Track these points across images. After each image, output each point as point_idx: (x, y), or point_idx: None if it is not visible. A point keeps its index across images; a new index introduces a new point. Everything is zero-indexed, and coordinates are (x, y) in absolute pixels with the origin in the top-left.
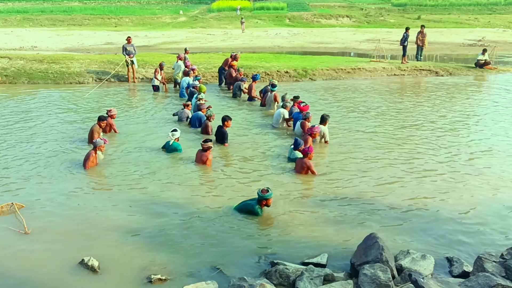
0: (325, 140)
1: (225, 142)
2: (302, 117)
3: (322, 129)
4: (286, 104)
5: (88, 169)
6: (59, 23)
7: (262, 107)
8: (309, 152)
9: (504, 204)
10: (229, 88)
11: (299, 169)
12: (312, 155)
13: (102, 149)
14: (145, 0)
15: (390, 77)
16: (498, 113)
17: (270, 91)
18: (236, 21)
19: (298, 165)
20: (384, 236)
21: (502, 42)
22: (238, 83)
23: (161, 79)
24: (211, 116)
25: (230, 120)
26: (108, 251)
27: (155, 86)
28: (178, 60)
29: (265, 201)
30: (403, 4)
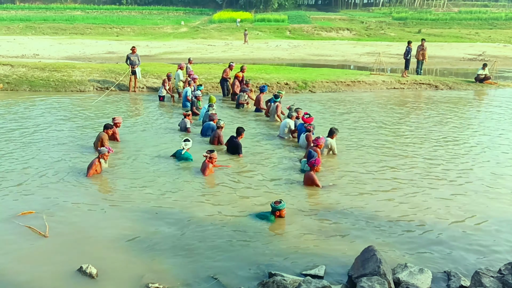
0: (333, 153)
1: (239, 153)
2: (305, 130)
3: (330, 142)
4: (292, 115)
5: (91, 177)
6: (61, 31)
7: (267, 117)
8: (315, 164)
9: (504, 219)
10: (233, 99)
11: (306, 181)
12: (319, 168)
13: (106, 157)
14: (147, 10)
15: (389, 90)
16: (499, 128)
17: (273, 102)
18: (237, 32)
19: (305, 178)
20: (382, 249)
21: (503, 57)
22: (240, 94)
23: (169, 89)
24: (222, 126)
25: (243, 131)
26: (106, 258)
27: (161, 97)
28: (178, 69)
29: (278, 211)
30: (403, 18)
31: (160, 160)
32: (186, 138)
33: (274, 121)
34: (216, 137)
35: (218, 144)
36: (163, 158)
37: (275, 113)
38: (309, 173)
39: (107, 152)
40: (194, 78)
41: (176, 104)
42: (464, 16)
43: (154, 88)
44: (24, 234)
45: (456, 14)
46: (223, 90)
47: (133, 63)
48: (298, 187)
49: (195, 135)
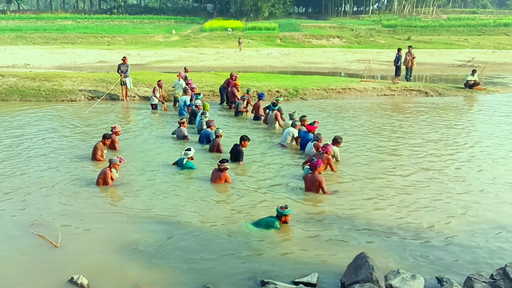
0: (336, 160)
1: (240, 160)
2: (313, 138)
3: (334, 149)
4: (295, 123)
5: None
6: (52, 41)
7: (266, 124)
8: (317, 165)
9: (495, 224)
10: (231, 107)
11: (309, 185)
12: (322, 170)
13: (117, 167)
14: (138, 19)
15: (380, 97)
16: (490, 133)
17: (272, 110)
18: (228, 41)
19: (308, 181)
20: (375, 255)
21: (491, 63)
22: (238, 101)
23: (160, 97)
24: (220, 134)
25: (248, 140)
26: (98, 269)
27: (154, 105)
28: (179, 79)
29: (284, 217)
30: (393, 25)
31: (160, 168)
32: (188, 148)
33: (272, 128)
34: (215, 146)
35: (217, 152)
36: (163, 167)
37: (274, 121)
38: (313, 175)
39: (119, 161)
40: (192, 88)
41: (168, 113)
42: (453, 23)
43: (145, 96)
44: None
45: (445, 21)
46: (221, 98)
47: (122, 73)
48: (298, 193)
49: (193, 143)
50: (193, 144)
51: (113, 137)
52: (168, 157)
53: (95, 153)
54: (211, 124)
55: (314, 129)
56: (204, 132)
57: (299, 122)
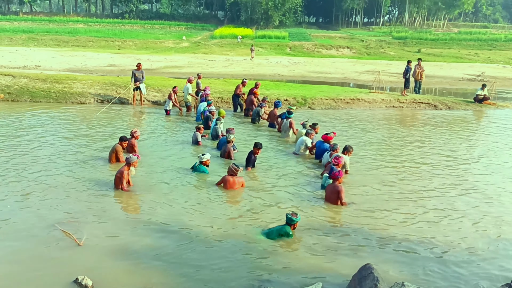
0: (345, 170)
1: (251, 166)
2: (330, 149)
3: (344, 159)
4: (309, 132)
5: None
6: (64, 43)
7: (279, 133)
8: (339, 176)
9: (501, 238)
10: (246, 115)
11: (329, 194)
12: (342, 180)
13: (136, 165)
14: (149, 25)
15: (388, 108)
16: (499, 149)
17: (286, 118)
18: (238, 48)
19: (328, 190)
20: (380, 267)
21: (502, 78)
22: (257, 109)
23: (176, 103)
24: (231, 140)
25: (260, 148)
26: (103, 271)
27: (168, 111)
28: (187, 83)
29: (295, 224)
30: (403, 37)
31: (176, 172)
32: (204, 153)
33: (286, 136)
34: (227, 152)
35: (228, 158)
36: (179, 170)
37: (288, 129)
38: (333, 185)
39: (136, 159)
40: (206, 94)
41: (184, 118)
42: (464, 36)
43: (155, 101)
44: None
45: (456, 35)
46: (234, 106)
47: (137, 79)
48: (309, 202)
49: (208, 148)
50: (208, 150)
51: (132, 141)
52: (180, 161)
53: (114, 155)
54: (231, 132)
55: (331, 139)
56: (223, 139)
57: (312, 131)
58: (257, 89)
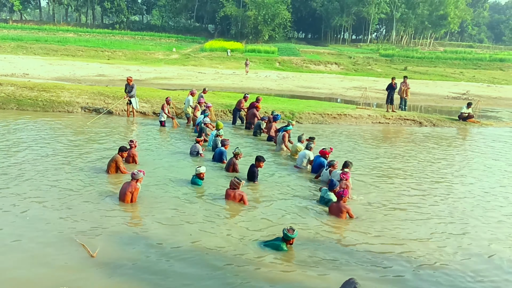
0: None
1: (255, 180)
2: (327, 165)
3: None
4: (311, 146)
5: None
6: (53, 52)
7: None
8: (343, 195)
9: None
10: (247, 128)
11: (336, 212)
12: (347, 199)
13: (141, 180)
14: (139, 36)
15: (375, 124)
16: (483, 165)
17: (282, 131)
18: (227, 61)
19: (334, 209)
20: (364, 282)
21: (486, 96)
22: (259, 122)
23: (169, 113)
24: (239, 154)
25: (263, 161)
26: (89, 283)
27: (163, 122)
28: (189, 95)
29: (292, 240)
30: (390, 55)
31: (173, 184)
32: (199, 166)
33: (279, 150)
34: (231, 165)
35: (233, 171)
36: (175, 182)
37: (282, 142)
38: (339, 204)
39: (142, 176)
40: (208, 106)
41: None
42: (450, 55)
43: (143, 112)
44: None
45: (442, 54)
46: (234, 119)
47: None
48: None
49: (204, 160)
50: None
51: (133, 151)
52: (178, 173)
53: (114, 166)
54: (226, 143)
55: (328, 154)
56: (218, 150)
57: (313, 144)
58: (259, 103)
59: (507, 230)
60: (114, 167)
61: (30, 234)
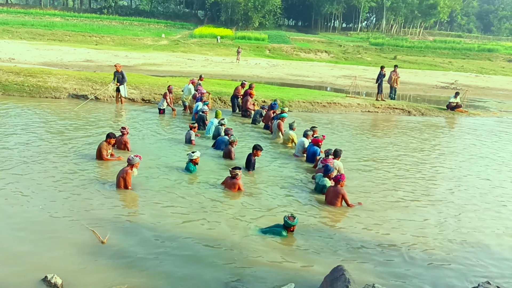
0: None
1: (250, 169)
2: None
3: (337, 163)
4: (308, 134)
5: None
6: (39, 37)
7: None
8: (341, 179)
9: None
10: (244, 115)
11: (331, 197)
12: (344, 183)
13: (137, 165)
14: (128, 21)
15: (364, 113)
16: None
17: (276, 119)
18: (217, 48)
19: (330, 193)
20: (352, 269)
21: (474, 86)
22: (259, 110)
23: (170, 103)
24: (234, 141)
25: (260, 150)
26: (74, 269)
27: (162, 110)
28: (189, 83)
29: (292, 227)
30: (380, 43)
31: (168, 171)
32: (194, 150)
33: (276, 138)
34: (227, 152)
35: (228, 159)
36: (171, 169)
37: (277, 130)
38: (335, 188)
39: (138, 160)
40: (202, 93)
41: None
42: (439, 45)
43: (131, 98)
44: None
45: (431, 43)
46: (233, 107)
47: (118, 80)
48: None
49: (199, 147)
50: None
51: (125, 138)
52: (173, 160)
53: (100, 153)
54: (230, 133)
55: (320, 142)
56: (220, 139)
57: (311, 132)
58: (252, 90)
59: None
60: (99, 154)
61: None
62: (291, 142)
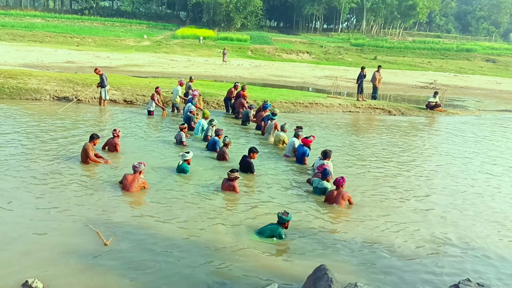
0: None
1: (252, 171)
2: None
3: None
4: (299, 134)
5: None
6: (20, 38)
7: (263, 135)
8: (343, 182)
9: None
10: (236, 117)
11: (336, 200)
12: (345, 185)
13: (143, 172)
14: (109, 22)
15: (345, 113)
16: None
17: (271, 120)
18: (199, 49)
19: (334, 197)
20: (335, 268)
21: (453, 86)
22: (247, 111)
23: (159, 103)
24: (229, 143)
25: (256, 152)
26: (55, 273)
27: (151, 111)
28: (178, 85)
29: (286, 223)
30: (361, 44)
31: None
32: (187, 151)
33: (268, 138)
34: (222, 154)
35: (223, 160)
36: (163, 170)
37: (273, 131)
38: (339, 191)
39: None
40: (194, 95)
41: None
42: (418, 45)
43: (113, 100)
44: None
45: (410, 43)
46: (226, 107)
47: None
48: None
49: (193, 148)
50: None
51: (115, 140)
52: (164, 161)
53: (86, 154)
54: (220, 133)
55: (310, 142)
56: (212, 140)
57: (301, 132)
58: (245, 91)
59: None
60: (85, 156)
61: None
62: (282, 144)
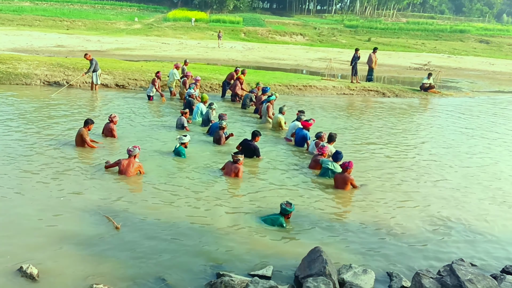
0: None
1: (258, 155)
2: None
3: (331, 149)
4: (301, 117)
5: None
6: (8, 22)
7: (260, 119)
8: (349, 167)
9: (445, 222)
10: (233, 100)
11: (340, 184)
12: (351, 170)
13: (138, 156)
14: (99, 5)
15: (339, 95)
16: (442, 134)
17: (265, 103)
18: (192, 32)
19: (339, 180)
20: (329, 250)
21: (446, 67)
22: (248, 94)
23: (159, 88)
24: (224, 127)
25: (259, 135)
26: (50, 259)
27: (151, 96)
28: (174, 68)
29: (289, 214)
30: (354, 25)
31: (160, 156)
32: (184, 134)
33: (265, 121)
34: (218, 138)
35: (218, 144)
36: (162, 154)
37: (267, 113)
38: (343, 175)
39: (138, 151)
40: (197, 80)
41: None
42: (412, 26)
43: (104, 84)
44: None
45: (404, 25)
46: (223, 92)
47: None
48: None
49: (195, 133)
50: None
51: (111, 125)
52: (164, 146)
53: (82, 139)
54: (224, 118)
55: (309, 125)
56: (215, 124)
57: (304, 116)
58: (245, 75)
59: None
60: (80, 141)
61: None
62: (279, 126)
